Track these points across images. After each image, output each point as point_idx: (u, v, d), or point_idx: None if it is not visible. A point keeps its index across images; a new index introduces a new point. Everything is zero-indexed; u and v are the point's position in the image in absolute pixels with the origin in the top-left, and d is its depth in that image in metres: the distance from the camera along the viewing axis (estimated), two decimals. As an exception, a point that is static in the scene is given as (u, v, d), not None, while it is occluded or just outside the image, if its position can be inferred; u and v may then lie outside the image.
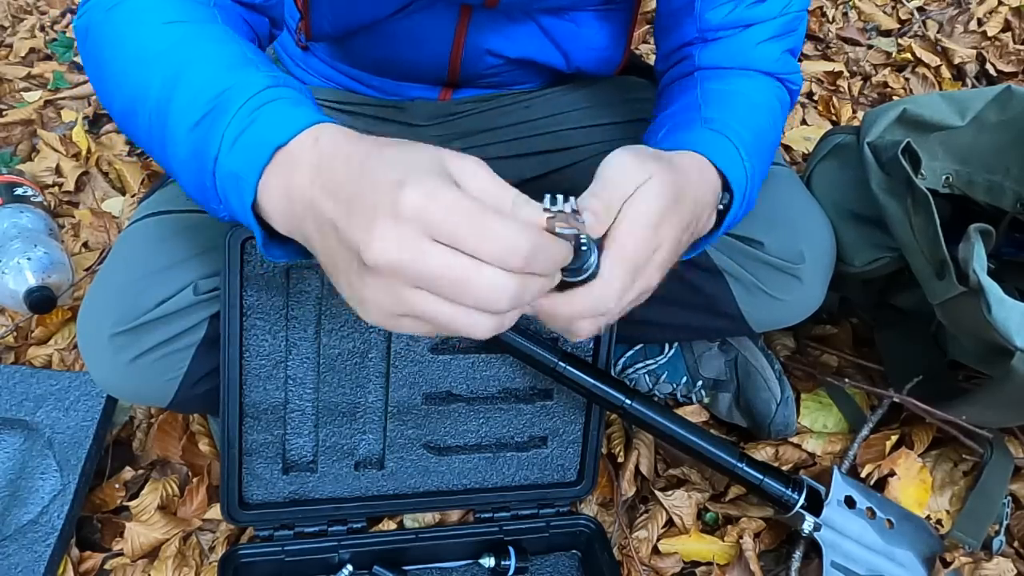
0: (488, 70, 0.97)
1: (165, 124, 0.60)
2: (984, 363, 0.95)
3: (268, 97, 0.56)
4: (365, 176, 0.48)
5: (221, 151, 0.55)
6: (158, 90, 0.61)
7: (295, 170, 0.52)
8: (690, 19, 0.84)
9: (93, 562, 0.96)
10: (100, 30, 0.67)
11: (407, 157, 0.48)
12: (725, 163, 0.69)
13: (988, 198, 1.00)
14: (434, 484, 0.95)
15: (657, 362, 1.11)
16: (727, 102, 0.79)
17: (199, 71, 0.59)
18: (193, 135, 0.58)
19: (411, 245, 0.46)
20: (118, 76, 0.65)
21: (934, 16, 1.96)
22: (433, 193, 0.45)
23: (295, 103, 0.56)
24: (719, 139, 0.71)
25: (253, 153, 0.54)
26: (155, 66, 0.62)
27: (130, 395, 0.92)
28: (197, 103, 0.58)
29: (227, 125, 0.55)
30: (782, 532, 1.00)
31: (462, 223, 0.46)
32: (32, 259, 1.18)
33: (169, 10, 0.64)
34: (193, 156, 0.58)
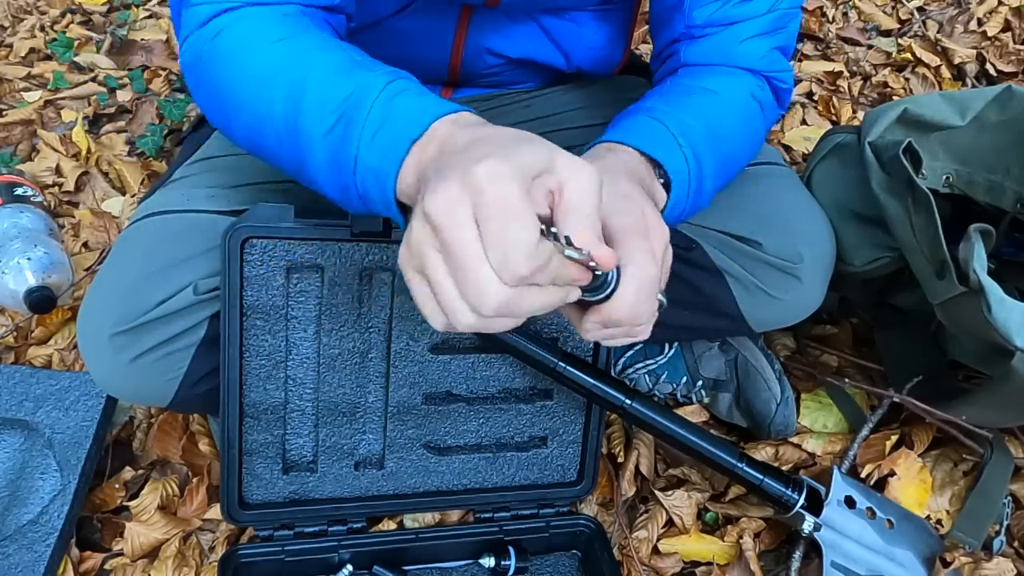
0: (488, 70, 0.97)
1: (297, 135, 0.64)
2: (984, 363, 0.95)
3: (393, 92, 0.60)
4: (473, 148, 0.51)
5: (360, 150, 0.60)
6: (282, 105, 0.65)
7: (425, 152, 0.56)
8: (679, 16, 0.84)
9: (93, 562, 0.96)
10: (211, 59, 0.70)
11: (522, 149, 0.50)
12: (662, 154, 0.70)
13: (988, 198, 1.00)
14: (434, 484, 0.95)
15: (657, 362, 1.11)
16: (681, 93, 0.80)
17: (319, 81, 0.63)
18: (328, 140, 0.62)
19: (454, 210, 0.48)
20: (238, 100, 0.69)
21: (934, 16, 1.96)
22: (498, 176, 0.47)
23: (418, 93, 0.60)
24: (654, 126, 0.73)
25: (392, 148, 0.58)
26: (276, 84, 0.66)
27: (130, 395, 0.92)
28: (326, 110, 0.62)
29: (363, 126, 0.59)
30: (782, 532, 1.00)
31: (496, 215, 0.47)
32: (32, 259, 1.18)
33: (273, 29, 0.68)
34: (331, 159, 0.62)
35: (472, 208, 0.48)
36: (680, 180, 0.71)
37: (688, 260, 0.90)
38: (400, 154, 0.57)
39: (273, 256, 0.80)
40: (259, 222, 0.78)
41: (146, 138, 1.55)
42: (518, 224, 0.47)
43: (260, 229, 0.79)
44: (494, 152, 0.49)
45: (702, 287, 0.92)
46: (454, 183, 0.48)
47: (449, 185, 0.48)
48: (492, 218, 0.47)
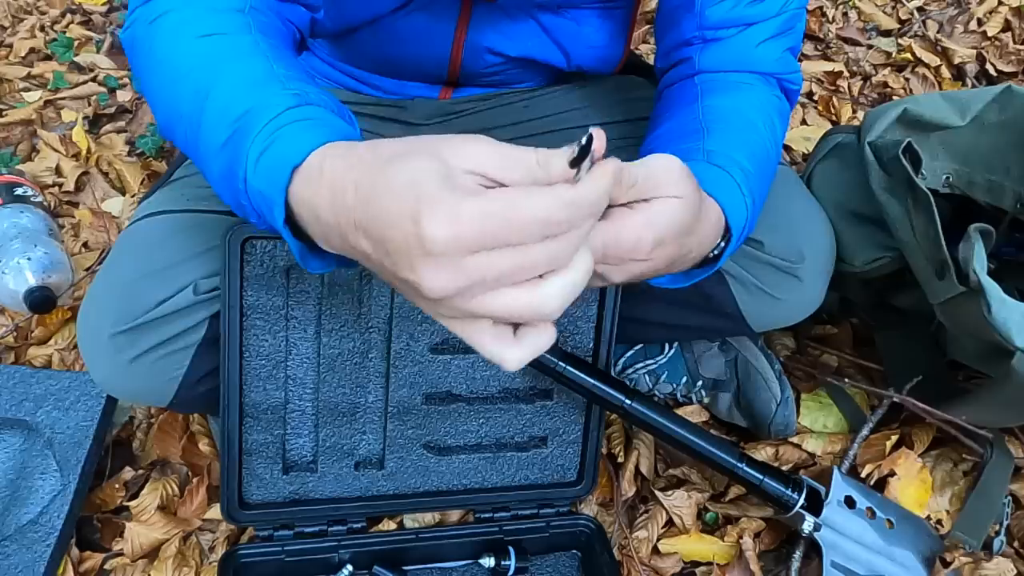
0: (488, 69, 0.97)
1: (198, 141, 0.63)
2: (984, 363, 0.95)
3: (287, 119, 0.57)
4: (381, 213, 0.46)
5: (247, 170, 0.57)
6: (189, 107, 0.63)
7: (315, 194, 0.52)
8: (690, 16, 0.84)
9: (93, 562, 0.96)
10: (143, 44, 0.69)
11: (410, 175, 0.45)
12: (729, 206, 0.68)
13: (988, 198, 1.00)
14: (434, 484, 0.95)
15: (657, 362, 1.11)
16: (729, 126, 0.78)
17: (225, 90, 0.61)
18: (223, 154, 0.59)
19: (461, 272, 0.44)
20: (157, 91, 0.68)
21: (934, 16, 1.96)
22: (453, 216, 0.43)
23: (312, 124, 0.57)
24: (724, 178, 0.70)
25: (274, 173, 0.54)
26: (186, 83, 0.64)
27: (130, 395, 0.92)
28: (224, 122, 0.59)
29: (250, 145, 0.57)
30: (782, 532, 1.00)
31: (498, 230, 0.44)
32: (32, 259, 1.18)
33: (203, 23, 0.66)
34: (226, 173, 0.60)
35: (468, 251, 0.44)
36: (739, 232, 0.70)
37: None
38: (283, 181, 0.54)
39: (273, 256, 0.80)
40: (259, 222, 0.78)
41: (146, 138, 1.55)
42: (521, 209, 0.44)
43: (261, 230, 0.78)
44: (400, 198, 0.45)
45: (702, 287, 0.92)
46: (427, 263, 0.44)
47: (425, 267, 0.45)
48: (497, 231, 0.44)
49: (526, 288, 0.46)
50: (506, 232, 0.44)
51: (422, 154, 0.47)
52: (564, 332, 0.91)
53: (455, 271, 0.44)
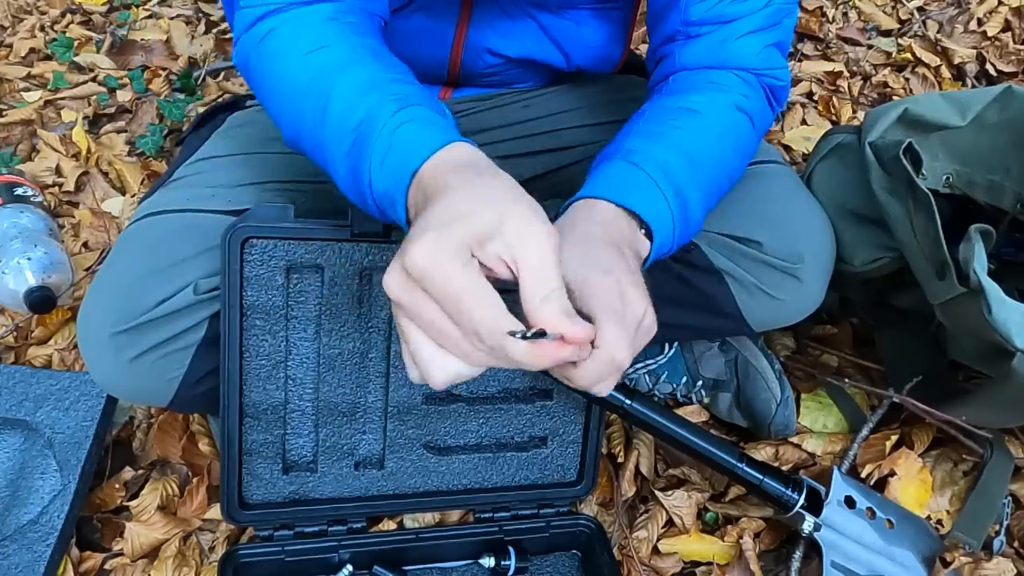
0: (488, 69, 0.97)
1: (324, 150, 0.69)
2: (984, 363, 0.95)
3: (397, 122, 0.63)
4: (429, 206, 0.54)
5: (372, 174, 0.63)
6: (311, 121, 0.69)
7: (420, 188, 0.59)
8: (675, 12, 0.84)
9: (93, 562, 0.96)
10: (256, 65, 0.75)
11: (465, 213, 0.52)
12: (639, 202, 0.71)
13: (988, 198, 1.00)
14: (434, 484, 0.95)
15: (657, 362, 1.11)
16: (663, 123, 0.80)
17: (339, 102, 0.67)
18: (348, 160, 0.66)
19: (408, 292, 0.52)
20: (278, 108, 0.74)
21: (934, 16, 1.96)
22: (433, 258, 0.50)
23: (421, 124, 0.63)
24: (633, 172, 0.73)
25: (396, 177, 0.61)
26: (305, 100, 0.70)
27: (130, 395, 0.92)
28: (345, 130, 0.66)
29: (372, 152, 0.63)
30: (782, 532, 1.00)
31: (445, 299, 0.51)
32: (32, 259, 1.18)
33: (307, 39, 0.71)
34: (352, 177, 0.66)
35: (419, 284, 0.51)
36: (662, 226, 0.72)
37: (687, 261, 0.90)
38: (404, 183, 0.60)
39: (273, 256, 0.80)
40: (259, 222, 0.78)
41: (146, 138, 1.55)
42: (474, 302, 0.50)
43: (260, 229, 0.79)
44: (436, 221, 0.52)
45: (702, 287, 0.92)
46: (396, 266, 0.52)
47: (394, 267, 0.52)
48: (447, 302, 0.51)
49: (435, 348, 0.54)
50: (449, 303, 0.51)
51: (496, 211, 0.52)
52: (564, 332, 0.91)
53: (406, 289, 0.52)
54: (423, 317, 0.52)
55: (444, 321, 0.52)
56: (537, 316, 0.51)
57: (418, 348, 0.54)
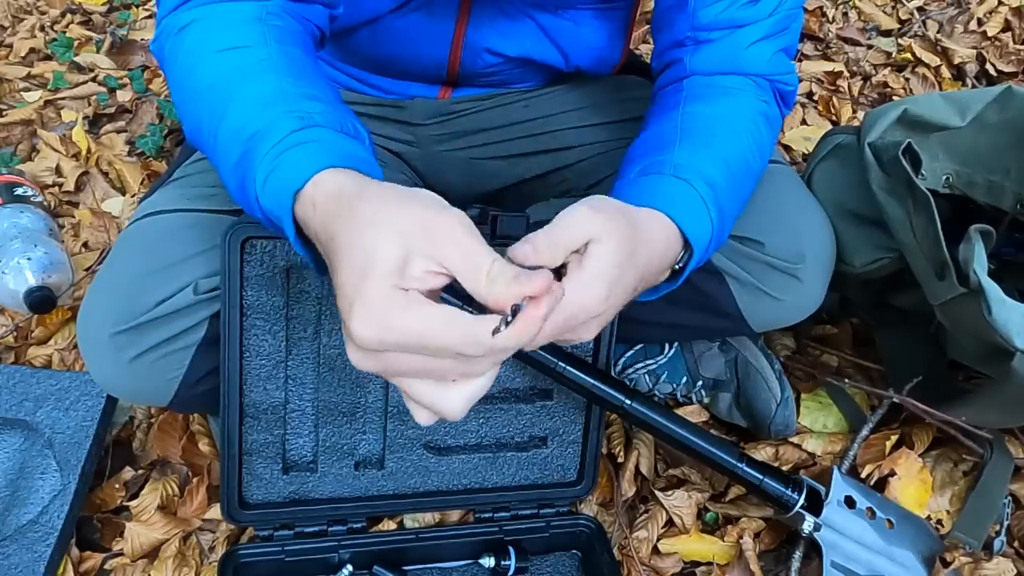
0: (487, 69, 0.97)
1: (216, 155, 0.67)
2: (984, 363, 0.95)
3: (289, 143, 0.60)
4: (339, 276, 0.52)
5: (257, 190, 0.61)
6: (208, 122, 0.67)
7: (311, 221, 0.57)
8: (683, 16, 0.84)
9: (93, 562, 0.96)
10: (170, 56, 0.73)
11: (365, 258, 0.50)
12: (689, 222, 0.69)
13: (988, 198, 1.00)
14: (434, 484, 0.95)
15: (657, 362, 1.11)
16: (704, 136, 0.78)
17: (238, 110, 0.64)
18: (237, 171, 0.63)
19: (376, 359, 0.51)
20: (182, 103, 0.72)
21: (934, 16, 1.96)
22: (381, 324, 0.49)
23: (314, 148, 0.60)
24: (686, 191, 0.71)
25: (279, 196, 0.59)
26: (206, 99, 0.68)
27: (130, 394, 0.92)
28: (236, 142, 0.63)
29: (257, 168, 0.61)
30: (782, 532, 1.00)
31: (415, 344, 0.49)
32: (32, 259, 1.18)
33: (222, 37, 0.69)
34: (240, 189, 0.64)
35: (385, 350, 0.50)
36: (701, 244, 0.71)
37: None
38: (287, 203, 0.58)
39: (273, 256, 0.80)
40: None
41: (146, 138, 1.55)
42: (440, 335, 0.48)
43: (260, 229, 0.78)
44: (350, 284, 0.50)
45: (702, 287, 0.92)
46: (352, 347, 0.51)
47: (351, 348, 0.51)
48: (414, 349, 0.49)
49: (435, 386, 0.52)
50: (420, 348, 0.49)
51: (391, 234, 0.50)
52: (564, 332, 0.91)
53: (374, 359, 0.51)
54: (408, 370, 0.51)
55: (428, 362, 0.50)
56: (495, 298, 0.49)
57: (420, 394, 0.53)
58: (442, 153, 1.04)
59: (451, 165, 1.05)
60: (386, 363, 0.51)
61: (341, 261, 0.52)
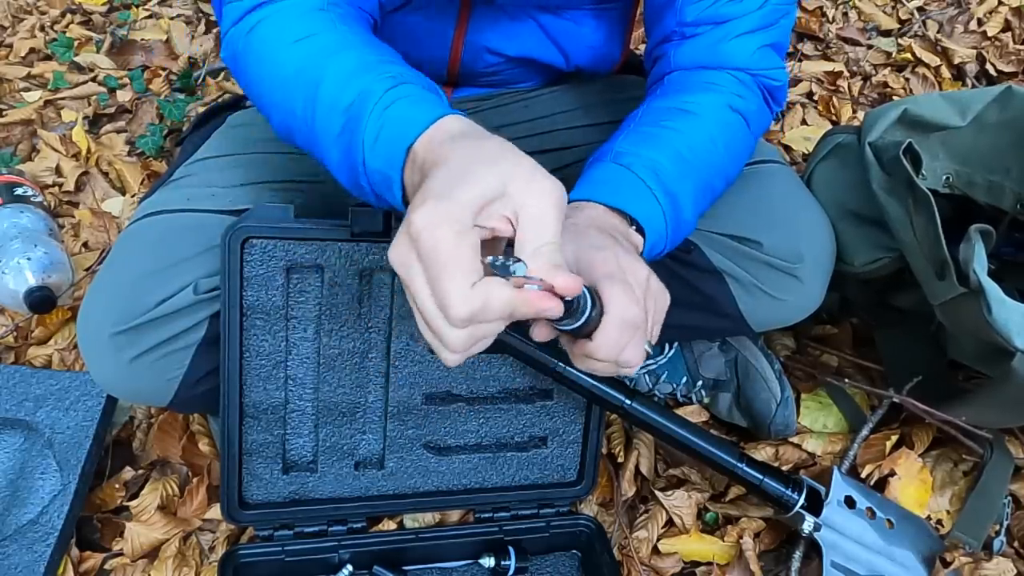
0: (488, 68, 0.97)
1: (315, 136, 0.68)
2: (984, 363, 0.95)
3: (389, 100, 0.63)
4: (429, 178, 0.54)
5: (365, 154, 0.63)
6: (302, 109, 0.69)
7: (416, 160, 0.59)
8: (671, 12, 0.85)
9: (93, 562, 0.96)
10: (244, 58, 0.75)
11: (469, 179, 0.52)
12: (630, 202, 0.72)
13: (988, 198, 1.00)
14: (434, 484, 0.95)
15: (657, 362, 1.11)
16: (655, 125, 0.81)
17: (330, 85, 0.67)
18: (340, 142, 0.66)
19: (406, 263, 0.53)
20: (267, 99, 0.74)
21: (934, 16, 1.96)
22: (430, 225, 0.50)
23: (414, 101, 0.63)
24: (622, 173, 0.74)
25: (390, 154, 0.61)
26: (295, 86, 0.69)
27: (130, 394, 0.92)
28: (335, 113, 0.65)
29: (364, 131, 0.63)
30: (782, 532, 1.00)
31: (431, 265, 0.51)
32: (32, 259, 1.18)
33: (294, 28, 0.71)
34: (345, 160, 0.66)
35: (419, 257, 0.51)
36: (654, 224, 0.73)
37: (687, 262, 0.90)
38: (399, 160, 0.60)
39: (273, 256, 0.80)
40: (259, 222, 0.78)
41: (146, 138, 1.55)
42: (446, 274, 0.50)
43: (260, 229, 0.79)
44: (439, 189, 0.52)
45: (702, 287, 0.92)
46: (402, 235, 0.52)
47: (399, 237, 0.53)
48: (429, 268, 0.51)
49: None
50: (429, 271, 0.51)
51: (499, 170, 0.53)
52: (564, 332, 0.91)
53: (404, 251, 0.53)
54: (414, 292, 0.53)
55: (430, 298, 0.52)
56: (533, 265, 0.52)
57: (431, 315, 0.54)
58: None
59: None
60: (408, 270, 0.52)
61: (442, 170, 0.54)
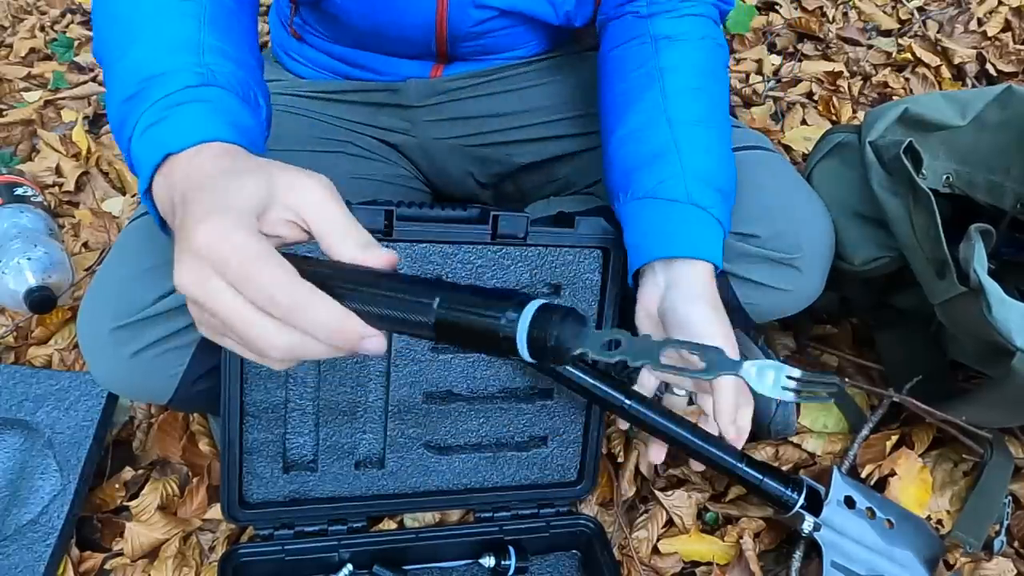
0: (477, 26, 0.94)
1: (111, 82, 0.65)
2: (984, 363, 0.95)
3: (183, 98, 0.60)
4: (192, 202, 0.52)
5: (134, 136, 0.60)
6: (114, 48, 0.66)
7: (173, 174, 0.57)
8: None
9: (93, 562, 0.96)
10: None
11: (233, 190, 0.51)
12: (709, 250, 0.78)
13: (989, 198, 1.00)
14: (434, 484, 0.95)
15: (657, 362, 1.11)
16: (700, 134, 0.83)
17: (144, 46, 0.64)
18: (123, 108, 0.62)
19: (203, 282, 0.49)
20: (97, 14, 0.70)
21: (934, 16, 1.96)
22: (223, 234, 0.48)
23: (204, 110, 0.59)
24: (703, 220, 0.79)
25: (152, 150, 0.58)
26: (116, 26, 0.67)
27: (130, 391, 0.92)
28: (133, 79, 0.62)
29: (142, 114, 0.60)
30: (782, 532, 1.00)
31: (239, 270, 0.48)
32: (32, 259, 1.18)
33: None
34: (120, 125, 0.63)
35: (216, 273, 0.48)
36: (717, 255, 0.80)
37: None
38: (155, 159, 0.58)
39: (273, 256, 0.80)
40: (259, 222, 0.78)
41: (146, 138, 1.55)
42: (259, 263, 0.48)
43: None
44: (212, 204, 0.50)
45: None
46: (186, 258, 0.49)
47: (183, 261, 0.50)
48: (233, 272, 0.48)
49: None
50: (244, 280, 0.48)
51: (257, 178, 0.52)
52: (564, 332, 0.91)
53: (199, 277, 0.49)
54: (221, 309, 0.49)
55: (243, 306, 0.48)
56: (339, 255, 0.51)
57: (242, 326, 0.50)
58: (438, 141, 1.04)
59: (448, 154, 1.05)
60: (206, 290, 0.49)
61: (206, 191, 0.52)
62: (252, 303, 0.48)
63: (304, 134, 0.99)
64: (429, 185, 1.10)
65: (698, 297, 0.76)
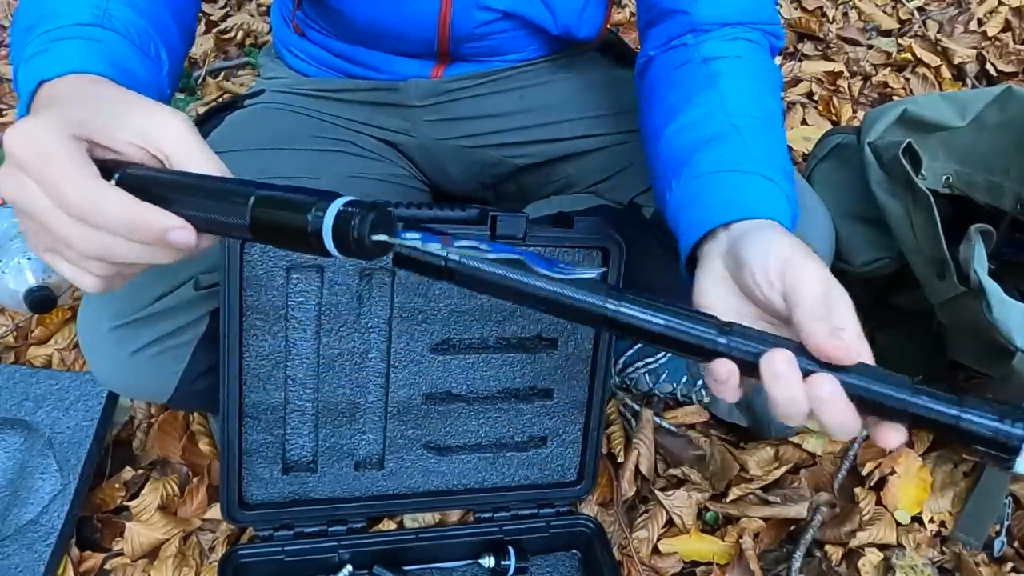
0: (479, 28, 0.94)
1: (17, 16, 0.66)
2: (984, 363, 0.95)
3: (69, 33, 0.61)
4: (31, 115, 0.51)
5: (21, 65, 0.62)
6: None
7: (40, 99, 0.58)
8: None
9: (93, 562, 0.96)
10: None
11: (68, 104, 0.51)
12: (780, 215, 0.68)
13: (988, 198, 1.00)
14: (434, 484, 0.95)
15: (657, 361, 1.11)
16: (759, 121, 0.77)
17: None
18: (18, 39, 0.64)
19: (21, 187, 0.49)
20: None
21: (934, 16, 1.97)
22: (28, 134, 0.48)
23: (87, 47, 0.61)
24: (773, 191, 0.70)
25: (30, 78, 0.59)
26: None
27: (130, 390, 0.92)
28: (34, 13, 0.64)
29: (29, 43, 0.62)
30: (782, 532, 1.00)
31: (36, 166, 0.48)
32: (32, 259, 1.18)
33: None
34: (16, 58, 0.64)
35: (28, 175, 0.48)
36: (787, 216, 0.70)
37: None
38: (31, 86, 0.58)
39: (273, 256, 0.80)
40: (259, 222, 0.78)
41: (146, 138, 1.54)
42: (55, 163, 0.47)
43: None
44: (39, 111, 0.51)
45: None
46: (6, 165, 0.49)
47: (4, 170, 0.49)
48: (37, 171, 0.48)
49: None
50: (44, 177, 0.48)
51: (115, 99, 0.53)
52: (564, 330, 0.91)
53: (8, 174, 0.49)
54: (34, 210, 0.48)
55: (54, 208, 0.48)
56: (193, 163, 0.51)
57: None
58: (438, 142, 1.04)
59: (448, 154, 1.04)
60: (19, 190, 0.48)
61: (38, 110, 0.52)
62: (57, 205, 0.48)
63: (304, 133, 0.99)
64: (429, 185, 1.10)
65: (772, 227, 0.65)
